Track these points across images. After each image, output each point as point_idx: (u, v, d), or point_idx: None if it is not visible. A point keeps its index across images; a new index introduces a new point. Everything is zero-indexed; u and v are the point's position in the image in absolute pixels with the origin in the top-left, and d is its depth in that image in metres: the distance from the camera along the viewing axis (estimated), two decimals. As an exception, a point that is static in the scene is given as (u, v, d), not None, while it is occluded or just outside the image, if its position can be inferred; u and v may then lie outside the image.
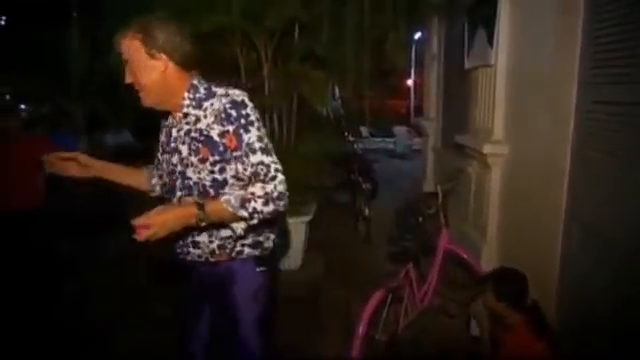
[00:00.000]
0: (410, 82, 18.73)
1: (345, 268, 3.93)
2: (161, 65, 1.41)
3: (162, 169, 1.60)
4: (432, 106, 6.40)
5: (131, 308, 3.11)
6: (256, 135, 1.41)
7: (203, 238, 1.52)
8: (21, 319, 2.82)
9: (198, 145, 1.45)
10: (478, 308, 2.21)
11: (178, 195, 1.52)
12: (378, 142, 13.56)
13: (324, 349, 2.70)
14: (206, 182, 1.47)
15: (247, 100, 1.44)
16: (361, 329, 2.20)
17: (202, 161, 1.45)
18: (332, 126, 5.43)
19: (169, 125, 1.56)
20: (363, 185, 5.11)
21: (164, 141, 1.58)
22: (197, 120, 1.46)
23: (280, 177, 1.40)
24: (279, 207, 1.40)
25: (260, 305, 1.61)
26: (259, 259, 1.58)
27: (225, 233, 1.49)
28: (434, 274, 2.85)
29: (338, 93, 5.58)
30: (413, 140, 11.95)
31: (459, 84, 4.66)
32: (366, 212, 4.76)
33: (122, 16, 1.56)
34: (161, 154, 1.60)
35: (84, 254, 3.96)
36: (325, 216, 4.46)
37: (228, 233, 1.47)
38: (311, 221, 3.97)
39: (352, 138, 6.22)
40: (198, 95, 1.47)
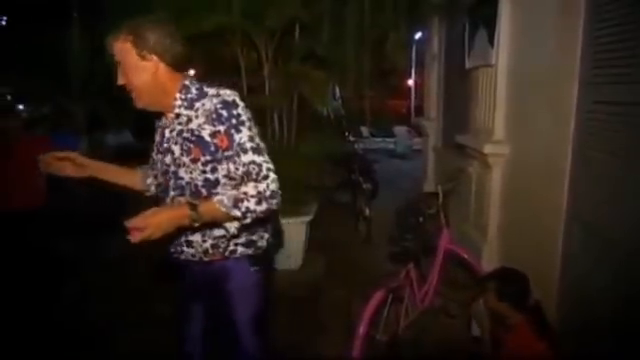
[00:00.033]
0: (410, 82, 18.73)
1: (346, 268, 3.93)
2: (152, 66, 1.42)
3: (157, 169, 1.61)
4: (432, 106, 6.39)
5: (131, 308, 3.11)
6: (247, 135, 1.42)
7: (196, 238, 1.52)
8: (21, 319, 2.83)
9: (190, 145, 1.46)
10: (479, 308, 2.21)
11: (171, 195, 1.53)
12: (378, 142, 13.54)
13: (324, 349, 2.70)
14: (198, 182, 1.47)
15: (238, 100, 1.44)
16: (362, 329, 2.20)
17: (194, 161, 1.46)
18: (333, 126, 5.43)
19: (162, 125, 1.57)
20: (364, 185, 5.10)
21: (158, 141, 1.59)
22: (189, 120, 1.47)
23: (272, 176, 1.41)
24: (272, 206, 1.41)
25: (255, 304, 1.61)
26: (253, 258, 1.59)
27: (218, 232, 1.49)
28: (435, 274, 2.85)
29: (339, 93, 5.58)
30: (413, 140, 11.94)
31: (460, 84, 4.66)
32: (367, 212, 4.76)
33: (122, 16, 1.56)
34: (155, 154, 1.61)
35: (85, 254, 3.96)
36: (326, 216, 4.46)
37: (221, 232, 1.48)
38: (312, 221, 3.97)
39: (353, 138, 6.22)
40: (190, 95, 1.48)
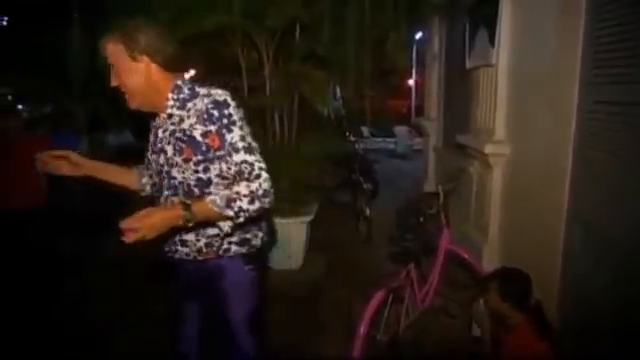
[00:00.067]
0: (411, 82, 18.70)
1: (346, 268, 3.93)
2: (144, 67, 1.43)
3: (151, 169, 1.62)
4: (433, 106, 6.39)
5: (131, 307, 3.11)
6: (239, 134, 1.43)
7: (190, 237, 1.53)
8: (22, 318, 2.83)
9: (182, 145, 1.47)
10: (479, 308, 2.20)
11: (165, 194, 1.54)
12: (379, 142, 13.52)
13: (325, 349, 2.70)
14: (191, 181, 1.48)
15: (230, 100, 1.45)
16: (362, 329, 2.20)
17: (186, 161, 1.47)
18: (333, 126, 5.42)
19: (156, 125, 1.58)
20: (364, 185, 5.10)
21: (152, 141, 1.60)
22: (181, 120, 1.48)
23: (264, 175, 1.42)
24: (265, 204, 1.43)
25: (250, 303, 1.62)
26: (247, 257, 1.59)
27: (212, 231, 1.50)
28: (435, 274, 2.85)
29: (339, 93, 5.57)
30: (414, 140, 11.92)
31: (460, 84, 4.66)
32: (367, 212, 4.75)
33: (123, 16, 1.56)
34: (150, 154, 1.62)
35: (85, 254, 3.96)
36: (326, 216, 4.45)
37: (215, 231, 1.49)
38: (312, 221, 3.97)
39: (353, 138, 6.21)
40: (182, 96, 1.49)
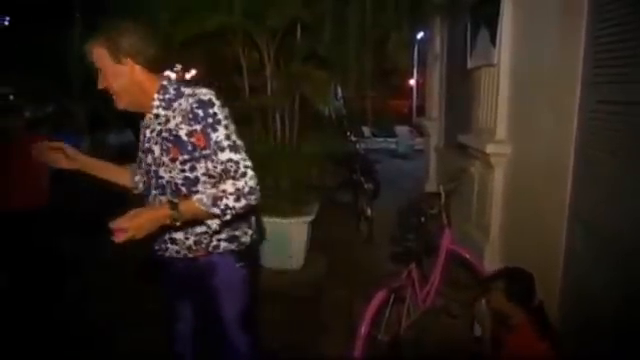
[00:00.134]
0: (412, 82, 18.71)
1: (347, 268, 3.93)
2: (128, 69, 1.45)
3: (142, 168, 1.64)
4: (434, 106, 6.38)
5: (132, 307, 3.11)
6: (224, 133, 1.44)
7: (179, 235, 1.55)
8: (23, 318, 2.83)
9: (168, 145, 1.48)
10: (482, 308, 2.20)
11: (153, 194, 1.56)
12: (380, 142, 13.51)
13: (326, 349, 2.70)
14: (178, 181, 1.50)
15: (214, 99, 1.46)
16: (363, 329, 2.20)
17: (173, 160, 1.48)
18: (334, 126, 5.43)
19: (144, 126, 1.60)
20: (365, 185, 5.10)
21: (141, 141, 1.62)
22: (167, 120, 1.49)
23: (250, 173, 1.43)
24: (251, 201, 1.44)
25: (241, 301, 1.63)
26: (238, 254, 1.60)
27: (200, 229, 1.52)
28: (436, 274, 2.84)
29: (340, 93, 5.57)
30: (415, 140, 11.92)
31: (462, 84, 4.65)
32: (368, 212, 4.75)
33: (125, 16, 1.57)
34: (140, 154, 1.64)
35: (86, 253, 3.96)
36: (327, 216, 4.45)
37: (203, 229, 1.50)
38: (313, 221, 3.96)
39: (354, 138, 6.21)
40: (168, 96, 1.50)
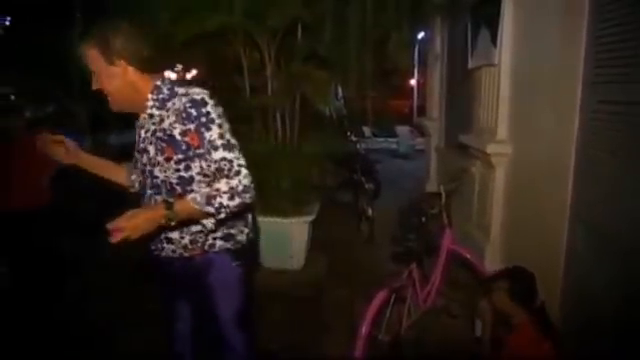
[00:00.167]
0: (413, 82, 18.71)
1: (348, 268, 3.93)
2: (121, 71, 1.45)
3: (137, 168, 1.64)
4: (435, 106, 6.38)
5: (132, 307, 3.10)
6: (217, 132, 1.44)
7: (175, 234, 1.55)
8: (24, 318, 2.83)
9: (163, 145, 1.49)
10: (483, 308, 2.20)
11: (148, 193, 1.56)
12: (381, 142, 13.49)
13: (327, 349, 2.69)
14: (173, 180, 1.50)
15: (207, 98, 1.46)
16: (364, 329, 2.20)
17: (167, 160, 1.49)
18: (335, 126, 5.42)
19: (139, 126, 1.60)
20: (366, 185, 5.10)
21: (137, 141, 1.62)
22: (161, 120, 1.50)
23: (244, 171, 1.44)
24: (245, 200, 1.44)
25: (237, 300, 1.63)
26: (234, 253, 1.60)
27: (195, 228, 1.52)
28: (437, 274, 2.84)
29: (341, 93, 5.57)
30: (416, 140, 11.91)
31: (462, 84, 4.65)
32: (369, 212, 4.75)
33: (126, 16, 1.57)
34: (135, 153, 1.64)
35: (87, 253, 3.97)
36: (328, 216, 4.45)
37: (198, 228, 1.50)
38: (314, 221, 3.96)
39: (355, 138, 6.20)
40: (161, 96, 1.50)
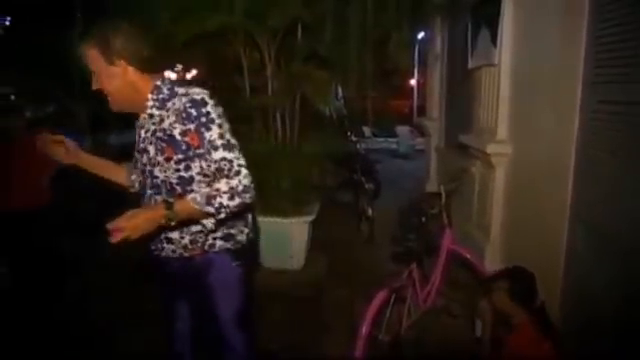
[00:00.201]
0: (413, 82, 18.72)
1: (348, 268, 3.93)
2: (121, 71, 1.45)
3: (137, 168, 1.64)
4: (435, 106, 6.38)
5: (132, 307, 3.10)
6: (217, 132, 1.44)
7: (175, 234, 1.55)
8: (24, 318, 2.84)
9: (163, 145, 1.49)
10: (484, 308, 2.20)
11: (148, 193, 1.56)
12: (381, 142, 13.50)
13: (327, 349, 2.70)
14: (173, 180, 1.50)
15: (207, 98, 1.46)
16: (364, 329, 2.20)
17: (167, 160, 1.49)
18: (335, 126, 5.41)
19: (139, 126, 1.60)
20: (366, 185, 5.10)
21: (137, 141, 1.62)
22: (161, 120, 1.50)
23: (244, 171, 1.44)
24: (246, 200, 1.44)
25: (237, 300, 1.63)
26: (234, 253, 1.60)
27: (196, 228, 1.52)
28: (437, 274, 2.84)
29: (341, 93, 5.57)
30: (416, 140, 11.91)
31: (462, 84, 4.65)
32: (369, 212, 4.75)
33: (126, 16, 1.58)
34: (135, 154, 1.64)
35: (87, 253, 3.97)
36: (328, 216, 4.45)
37: (199, 228, 1.50)
38: (314, 221, 3.96)
39: (355, 138, 6.20)
40: (161, 96, 1.50)
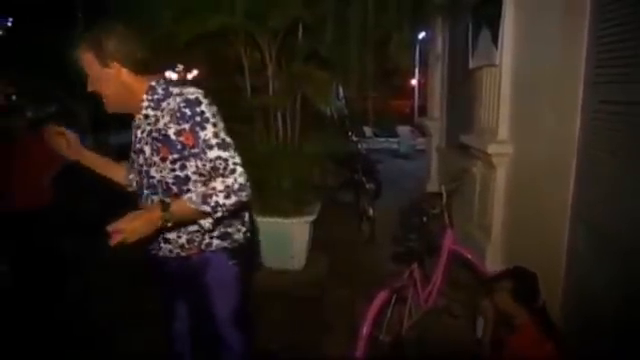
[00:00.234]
0: (414, 82, 18.70)
1: (349, 268, 3.93)
2: (115, 73, 1.46)
3: (135, 168, 1.65)
4: (436, 106, 6.38)
5: (133, 307, 3.11)
6: (212, 131, 1.45)
7: (172, 234, 1.56)
8: (25, 318, 2.84)
9: (158, 145, 1.49)
10: (487, 308, 2.19)
11: (145, 193, 1.57)
12: (382, 142, 13.48)
13: (328, 349, 2.70)
14: (169, 180, 1.51)
15: (201, 97, 1.47)
16: (365, 329, 2.20)
17: (163, 160, 1.49)
18: (336, 126, 5.41)
19: (136, 126, 1.60)
20: (367, 185, 5.09)
21: (133, 142, 1.63)
22: (157, 120, 1.50)
23: (239, 170, 1.44)
24: (242, 198, 1.44)
25: (234, 298, 1.64)
26: (231, 252, 1.61)
27: (192, 227, 1.52)
28: (439, 274, 2.84)
29: (342, 93, 5.57)
30: (417, 140, 11.89)
31: (463, 84, 4.65)
32: (370, 212, 4.75)
33: (128, 16, 1.58)
34: (132, 154, 1.65)
35: (88, 253, 3.97)
36: (329, 216, 4.45)
37: (195, 227, 1.51)
38: (315, 221, 3.96)
39: (356, 138, 6.20)
40: (156, 96, 1.51)
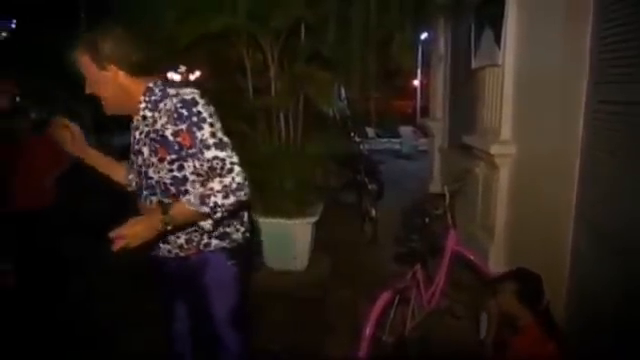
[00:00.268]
0: (416, 82, 18.69)
1: (351, 269, 3.92)
2: (112, 75, 1.46)
3: (134, 169, 1.65)
4: (438, 106, 6.38)
5: (134, 307, 3.11)
6: (209, 131, 1.44)
7: (170, 235, 1.56)
8: (28, 318, 2.84)
9: (156, 146, 1.50)
10: (492, 309, 2.18)
11: (144, 194, 1.57)
12: (384, 143, 13.49)
13: (331, 350, 2.69)
14: (167, 180, 1.51)
15: (198, 98, 1.47)
16: (368, 330, 2.19)
17: (161, 160, 1.50)
18: (338, 127, 5.41)
19: (134, 127, 1.61)
20: (369, 186, 5.09)
21: (132, 143, 1.63)
22: (154, 121, 1.51)
23: (237, 169, 1.44)
24: (241, 197, 1.44)
25: (232, 299, 1.64)
26: (230, 252, 1.61)
27: (191, 227, 1.52)
28: (441, 275, 2.83)
29: (344, 94, 5.57)
30: (419, 141, 11.89)
31: (466, 84, 4.64)
32: (372, 213, 4.74)
33: (131, 17, 1.59)
34: (131, 155, 1.65)
35: (90, 254, 3.97)
36: (331, 217, 4.44)
37: (194, 227, 1.51)
38: (317, 222, 3.96)
39: (358, 139, 6.19)
40: (154, 97, 1.51)
